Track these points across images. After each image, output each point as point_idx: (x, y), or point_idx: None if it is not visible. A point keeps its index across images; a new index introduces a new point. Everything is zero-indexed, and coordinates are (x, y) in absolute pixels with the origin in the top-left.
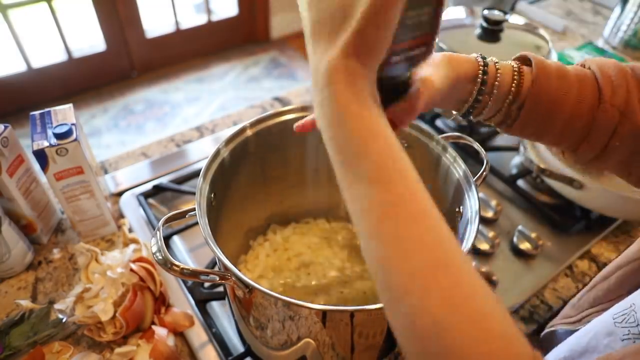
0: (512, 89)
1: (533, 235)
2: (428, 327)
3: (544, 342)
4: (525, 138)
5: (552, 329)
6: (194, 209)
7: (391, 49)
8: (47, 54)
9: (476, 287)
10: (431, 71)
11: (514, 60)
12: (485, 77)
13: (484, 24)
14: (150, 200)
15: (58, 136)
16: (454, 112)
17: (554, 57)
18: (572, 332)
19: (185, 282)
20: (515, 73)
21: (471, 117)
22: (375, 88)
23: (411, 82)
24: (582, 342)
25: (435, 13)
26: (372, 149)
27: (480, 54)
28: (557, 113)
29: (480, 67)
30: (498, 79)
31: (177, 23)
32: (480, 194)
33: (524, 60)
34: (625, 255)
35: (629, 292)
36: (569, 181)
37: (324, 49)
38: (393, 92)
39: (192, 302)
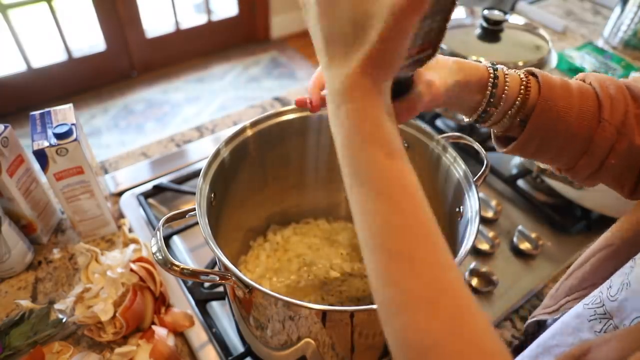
0: (517, 102)
1: (533, 235)
2: (426, 344)
3: (527, 331)
4: (525, 156)
5: (535, 319)
6: (194, 209)
7: None
8: (47, 54)
9: (473, 308)
10: (438, 76)
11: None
12: (494, 89)
13: (484, 24)
14: (150, 200)
15: (58, 136)
16: (466, 119)
17: (553, 57)
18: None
19: (185, 282)
20: (523, 87)
21: (479, 124)
22: (390, 98)
23: (414, 82)
24: (555, 327)
25: (445, 19)
26: (386, 168)
27: (492, 62)
28: (560, 128)
29: (491, 78)
30: (506, 91)
31: (177, 23)
32: (481, 194)
33: (529, 74)
34: (599, 242)
35: (603, 279)
36: (569, 181)
37: (338, 66)
38: (395, 91)
39: (192, 302)
